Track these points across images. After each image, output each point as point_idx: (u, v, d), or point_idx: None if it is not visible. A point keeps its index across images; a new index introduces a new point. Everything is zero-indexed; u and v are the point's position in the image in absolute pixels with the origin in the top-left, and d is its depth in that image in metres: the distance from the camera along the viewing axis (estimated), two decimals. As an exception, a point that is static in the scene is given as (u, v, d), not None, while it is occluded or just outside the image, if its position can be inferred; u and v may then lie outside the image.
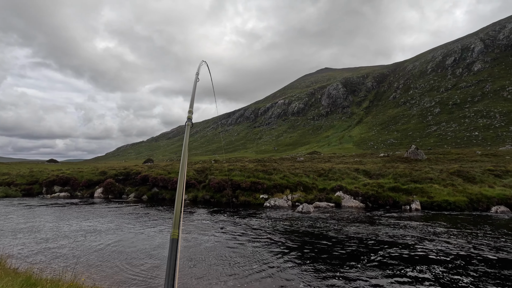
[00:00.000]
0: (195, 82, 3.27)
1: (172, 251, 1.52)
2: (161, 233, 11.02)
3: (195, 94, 3.08)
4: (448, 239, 9.81)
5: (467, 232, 10.87)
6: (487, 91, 78.34)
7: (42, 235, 10.52)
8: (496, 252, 8.36)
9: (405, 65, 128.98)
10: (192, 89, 3.11)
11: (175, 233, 1.61)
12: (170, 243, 1.55)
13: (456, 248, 8.78)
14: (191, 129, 2.57)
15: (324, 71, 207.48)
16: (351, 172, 22.93)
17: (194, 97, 2.98)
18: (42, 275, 5.36)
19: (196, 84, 3.28)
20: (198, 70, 3.53)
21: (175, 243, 1.56)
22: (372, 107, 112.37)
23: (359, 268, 7.20)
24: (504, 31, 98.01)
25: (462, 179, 20.00)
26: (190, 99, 2.92)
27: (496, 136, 55.93)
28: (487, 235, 10.38)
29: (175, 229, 1.63)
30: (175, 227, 1.64)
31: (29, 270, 5.58)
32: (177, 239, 1.58)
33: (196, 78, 3.37)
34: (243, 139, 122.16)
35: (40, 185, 25.59)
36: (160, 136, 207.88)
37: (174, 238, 1.59)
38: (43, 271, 6.03)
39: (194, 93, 3.03)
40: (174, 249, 1.53)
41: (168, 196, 21.09)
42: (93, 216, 14.37)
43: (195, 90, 3.13)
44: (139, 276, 6.75)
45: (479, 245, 9.13)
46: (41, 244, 9.41)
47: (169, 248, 1.53)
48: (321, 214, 14.81)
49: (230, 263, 7.63)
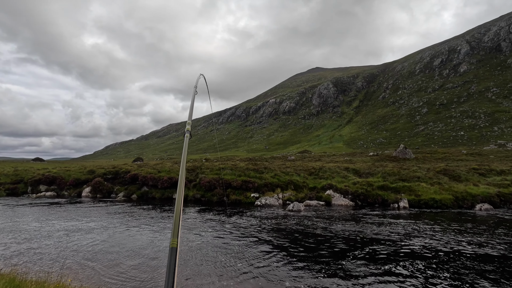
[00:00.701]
0: (193, 96, 3.30)
1: (171, 260, 1.51)
2: (150, 232, 10.89)
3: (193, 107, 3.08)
4: (432, 236, 10.05)
5: (451, 229, 11.16)
6: (472, 92, 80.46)
7: (25, 236, 10.24)
8: (478, 248, 8.62)
9: (394, 66, 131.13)
10: (191, 102, 3.13)
11: (174, 242, 1.59)
12: (169, 252, 1.54)
13: (439, 245, 9.01)
14: (189, 140, 2.57)
15: (315, 71, 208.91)
16: (341, 171, 23.19)
17: (193, 110, 2.97)
18: (26, 276, 5.22)
19: (195, 97, 3.30)
20: (196, 84, 3.58)
21: (174, 252, 1.55)
22: (362, 106, 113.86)
23: (346, 265, 7.30)
24: (489, 34, 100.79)
25: (448, 178, 20.50)
26: (189, 112, 2.90)
27: (481, 136, 57.54)
28: (470, 232, 10.68)
29: (174, 238, 1.61)
30: (174, 236, 1.63)
31: (13, 271, 5.42)
32: (176, 248, 1.57)
33: (194, 91, 3.41)
34: (234, 138, 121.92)
35: (25, 184, 24.91)
36: (150, 135, 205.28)
37: (173, 247, 1.57)
38: (27, 273, 5.87)
39: (192, 106, 3.04)
40: (173, 258, 1.52)
41: (157, 195, 20.85)
42: (80, 216, 14.08)
43: (194, 103, 3.14)
44: (128, 276, 6.66)
45: (461, 241, 9.39)
46: (25, 244, 9.17)
47: (168, 257, 1.52)
48: (312, 213, 14.94)
49: (219, 262, 7.60)
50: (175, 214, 1.73)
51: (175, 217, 1.72)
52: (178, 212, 1.74)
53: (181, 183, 1.91)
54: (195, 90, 3.43)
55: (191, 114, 2.85)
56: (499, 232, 10.64)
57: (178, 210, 1.74)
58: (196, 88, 3.47)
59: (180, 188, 1.87)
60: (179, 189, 1.88)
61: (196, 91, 3.45)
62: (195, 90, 3.43)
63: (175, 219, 1.71)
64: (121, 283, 6.32)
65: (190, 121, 2.71)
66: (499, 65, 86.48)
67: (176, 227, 1.67)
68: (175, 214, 1.73)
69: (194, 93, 3.35)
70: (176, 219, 1.71)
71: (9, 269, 5.80)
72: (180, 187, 1.87)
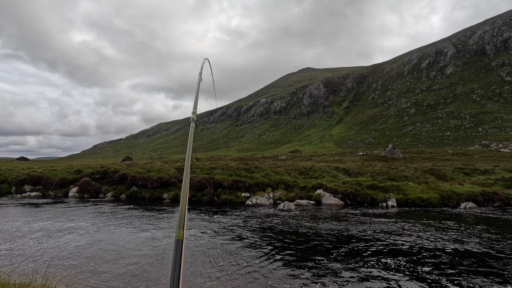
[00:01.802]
0: (199, 82, 3.15)
1: (177, 251, 1.53)
2: (140, 232, 10.74)
3: (199, 94, 2.94)
4: (418, 234, 10.27)
5: (436, 227, 11.43)
6: (458, 93, 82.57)
7: (7, 237, 9.94)
8: (460, 245, 8.87)
9: (383, 67, 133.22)
10: (196, 89, 3.00)
11: (180, 234, 1.61)
12: (175, 244, 1.55)
13: (424, 242, 9.22)
14: (194, 130, 2.49)
15: (306, 71, 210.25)
16: (331, 171, 23.42)
17: (198, 97, 2.87)
18: (9, 279, 5.07)
19: (200, 85, 3.13)
20: (201, 70, 3.40)
21: (180, 244, 1.57)
22: (352, 107, 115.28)
23: (334, 261, 7.39)
24: (474, 37, 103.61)
25: (435, 177, 20.99)
26: (194, 100, 2.82)
27: (466, 136, 59.12)
28: (454, 229, 10.97)
29: (180, 230, 1.63)
30: (180, 228, 1.64)
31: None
32: (182, 240, 1.59)
33: (199, 78, 3.26)
34: (225, 137, 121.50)
35: (9, 185, 24.16)
36: (140, 134, 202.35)
37: (179, 239, 1.59)
38: (10, 275, 5.70)
39: (197, 93, 2.93)
40: (179, 250, 1.54)
41: (147, 195, 20.58)
42: (65, 217, 13.76)
43: (199, 90, 2.99)
44: (115, 278, 6.54)
45: (444, 239, 9.64)
46: (7, 246, 8.89)
47: (174, 248, 1.53)
48: (302, 212, 15.03)
49: (207, 262, 7.57)
50: (181, 207, 1.74)
51: (180, 210, 1.73)
52: (184, 205, 1.76)
53: (186, 175, 1.92)
54: (200, 77, 3.26)
55: (196, 103, 2.78)
56: (482, 229, 10.97)
57: (184, 203, 1.76)
58: (201, 75, 3.29)
59: (185, 180, 1.88)
60: (184, 181, 1.88)
61: (201, 78, 3.27)
62: (200, 77, 3.26)
63: (181, 212, 1.72)
64: (107, 285, 6.21)
65: (196, 110, 2.66)
66: (483, 68, 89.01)
67: (182, 220, 1.69)
68: (181, 207, 1.74)
69: (199, 80, 3.20)
70: (182, 212, 1.72)
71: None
72: (186, 179, 1.89)
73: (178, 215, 1.71)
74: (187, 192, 1.83)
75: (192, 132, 2.43)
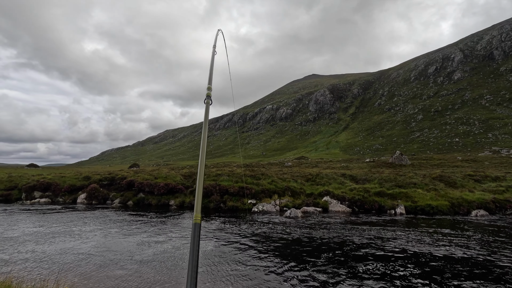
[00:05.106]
0: (213, 55, 3.09)
1: (195, 234, 1.60)
2: (149, 238, 10.79)
3: (213, 68, 2.84)
4: (429, 242, 10.08)
5: (448, 235, 11.20)
6: (466, 99, 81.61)
7: (18, 243, 10.09)
8: (472, 253, 8.66)
9: (389, 73, 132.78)
10: (210, 63, 2.93)
11: (197, 218, 1.69)
12: (193, 227, 1.62)
13: (435, 251, 9.04)
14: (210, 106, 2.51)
15: (311, 78, 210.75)
16: (338, 177, 23.25)
17: (213, 72, 2.79)
18: (21, 284, 5.15)
19: (214, 58, 3.06)
20: (215, 42, 3.32)
21: (198, 227, 1.65)
22: (358, 113, 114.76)
23: (345, 270, 7.30)
24: (482, 42, 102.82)
25: (444, 184, 20.64)
26: (208, 75, 2.74)
27: (476, 142, 58.17)
28: (466, 238, 10.73)
29: (197, 214, 1.71)
30: (197, 211, 1.73)
31: (8, 279, 5.34)
32: (199, 224, 1.67)
33: (213, 51, 3.18)
34: (231, 144, 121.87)
35: (19, 191, 24.59)
36: (147, 141, 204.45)
37: (196, 222, 1.67)
38: (22, 281, 5.79)
39: (212, 67, 2.85)
40: (197, 232, 1.62)
41: (154, 201, 20.70)
42: (75, 223, 13.92)
43: (213, 63, 2.93)
44: (128, 283, 6.58)
45: (456, 247, 9.43)
46: (19, 252, 9.02)
47: (192, 232, 1.60)
48: (309, 219, 14.92)
49: (212, 270, 7.55)
50: (197, 192, 1.83)
51: (197, 195, 1.82)
52: (200, 190, 1.84)
53: (202, 161, 1.99)
54: (214, 50, 3.18)
55: (211, 78, 2.71)
56: (496, 238, 10.71)
57: (200, 189, 1.85)
58: (215, 48, 3.21)
59: (201, 166, 1.95)
60: (200, 167, 1.95)
61: (215, 51, 3.20)
62: (214, 50, 3.18)
63: (197, 197, 1.81)
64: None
65: (211, 85, 2.61)
66: (492, 73, 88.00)
67: (199, 204, 1.77)
68: (197, 192, 1.83)
69: (213, 53, 3.13)
70: (198, 197, 1.81)
71: (4, 277, 5.71)
72: (201, 165, 1.95)
73: (195, 201, 1.80)
74: (202, 176, 1.91)
75: (208, 110, 2.39)
